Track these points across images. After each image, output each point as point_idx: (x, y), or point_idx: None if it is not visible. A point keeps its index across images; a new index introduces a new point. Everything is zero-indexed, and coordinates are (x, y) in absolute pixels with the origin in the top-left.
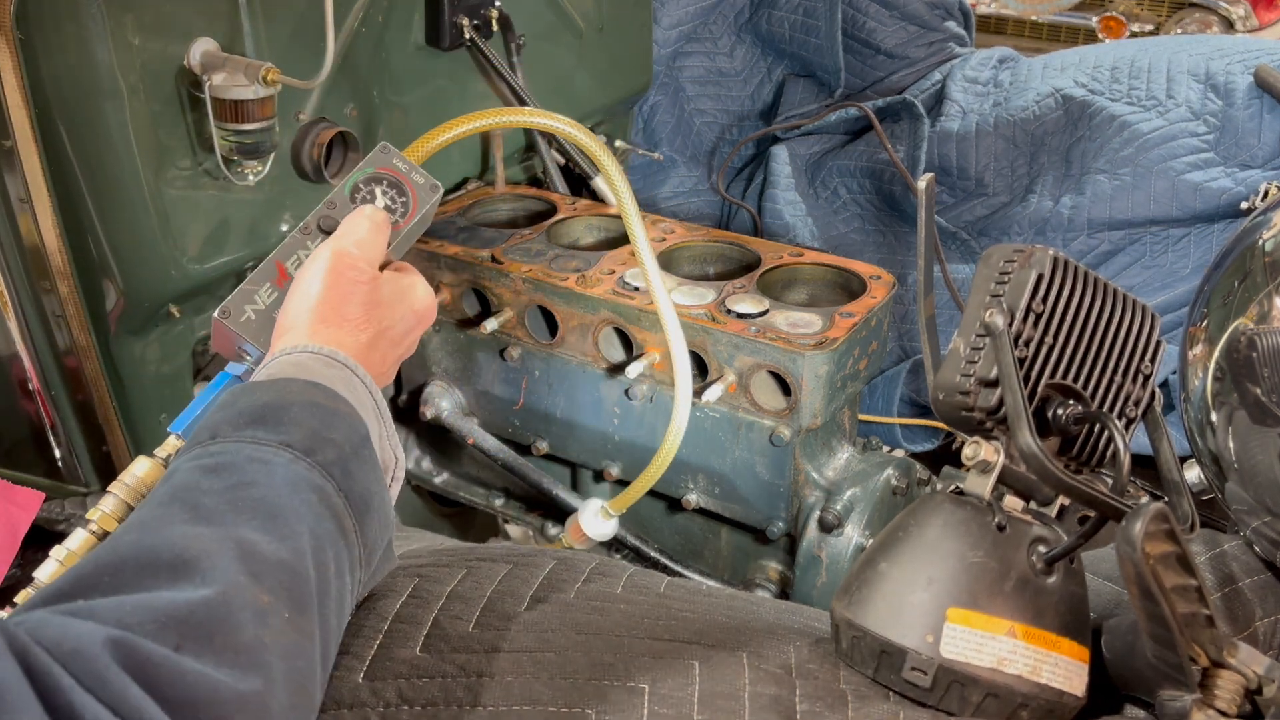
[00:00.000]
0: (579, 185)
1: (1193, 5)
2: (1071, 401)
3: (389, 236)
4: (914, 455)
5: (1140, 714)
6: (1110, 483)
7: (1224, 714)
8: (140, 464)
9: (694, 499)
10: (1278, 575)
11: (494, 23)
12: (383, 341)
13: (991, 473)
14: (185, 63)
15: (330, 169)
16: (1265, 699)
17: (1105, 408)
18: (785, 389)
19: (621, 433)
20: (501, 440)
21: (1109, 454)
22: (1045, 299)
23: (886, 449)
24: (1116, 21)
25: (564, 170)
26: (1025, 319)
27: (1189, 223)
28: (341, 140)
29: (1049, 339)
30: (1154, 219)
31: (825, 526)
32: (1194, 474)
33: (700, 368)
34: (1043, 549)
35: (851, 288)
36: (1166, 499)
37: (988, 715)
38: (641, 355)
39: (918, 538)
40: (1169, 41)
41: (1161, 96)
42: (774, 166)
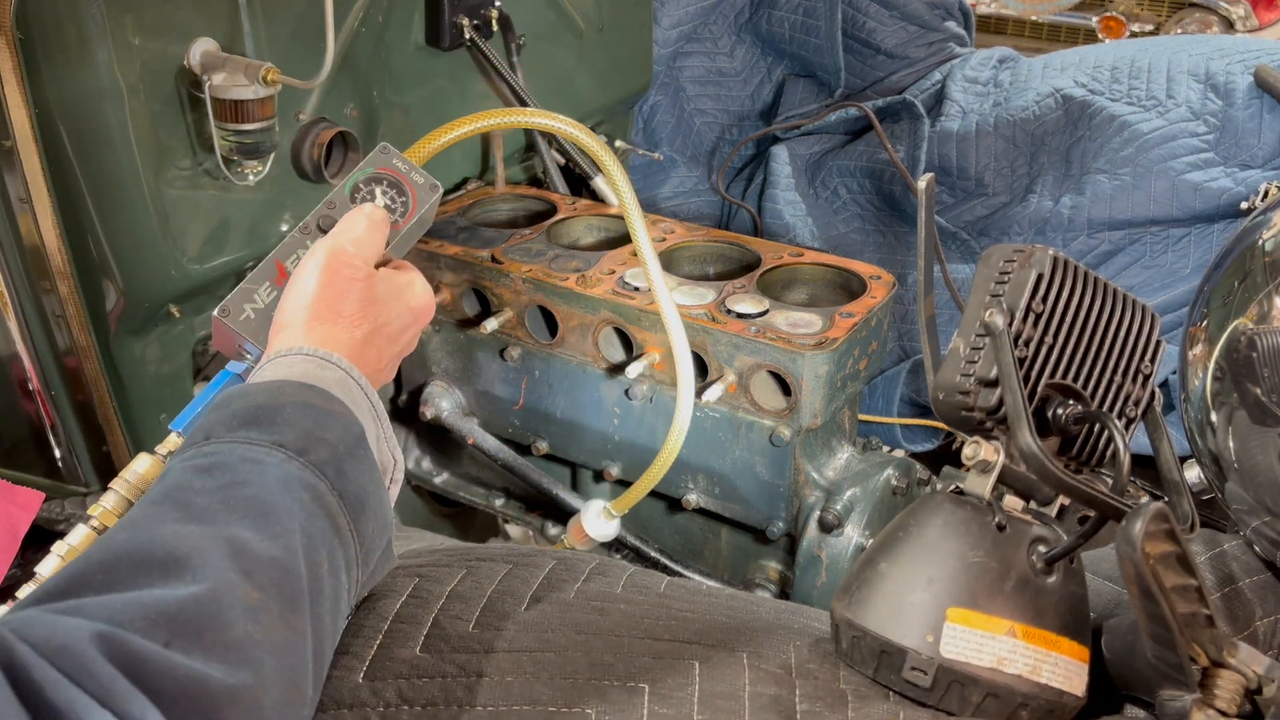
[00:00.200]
0: (579, 185)
1: (1193, 5)
2: (1071, 401)
3: (388, 235)
4: (914, 455)
5: (1140, 714)
6: (1110, 483)
7: (1224, 714)
8: (141, 460)
9: (694, 499)
10: (1278, 575)
11: (494, 23)
12: (379, 338)
13: (991, 473)
14: (185, 63)
15: (330, 169)
16: (1265, 699)
17: (1105, 408)
18: (785, 389)
19: (621, 433)
20: (501, 440)
21: (1109, 454)
22: (1045, 299)
23: (886, 449)
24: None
25: (564, 170)
26: (1025, 319)
27: (1189, 223)
28: (341, 140)
29: (1049, 339)
30: (1154, 219)
31: (825, 526)
32: (1194, 474)
33: (700, 368)
34: (1043, 549)
35: (851, 288)
36: (1166, 499)
37: (988, 715)
38: (641, 355)
39: (918, 538)
40: (1169, 41)
41: (1161, 96)
42: (774, 166)
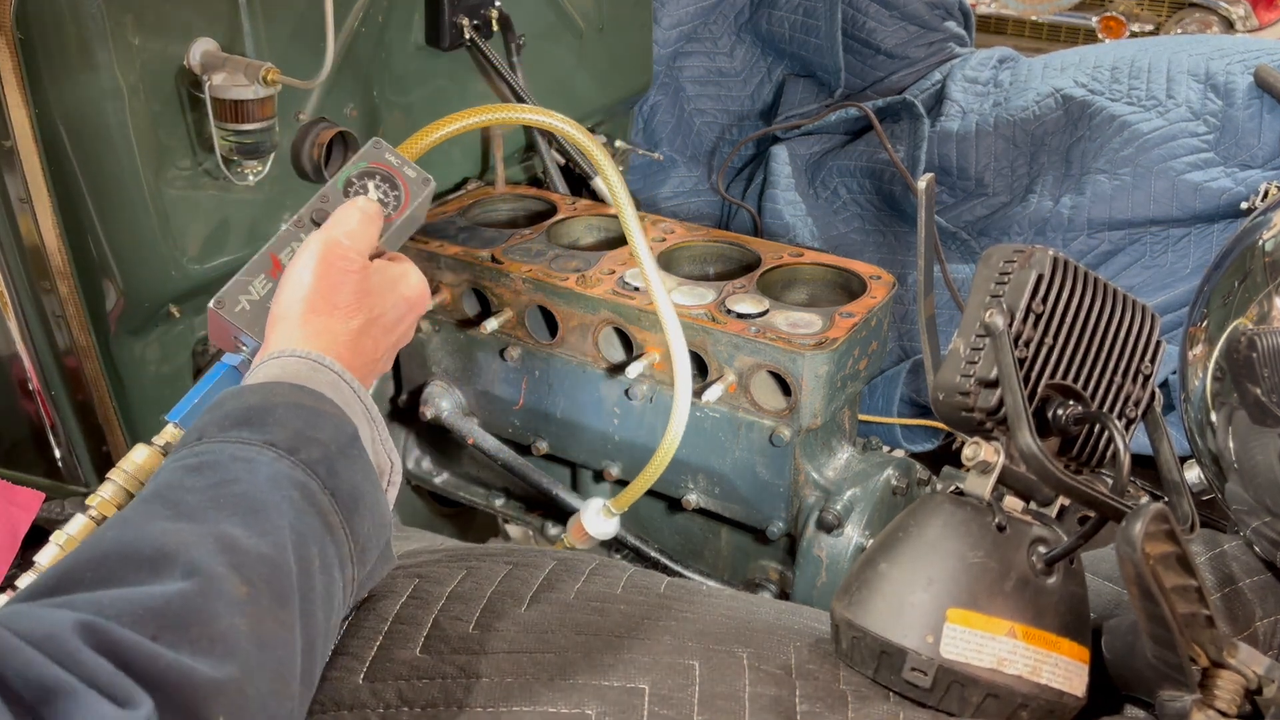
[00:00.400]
0: (579, 185)
1: (1193, 5)
2: (1071, 402)
3: (381, 228)
4: (914, 455)
5: (1140, 714)
6: (1110, 483)
7: (1224, 714)
8: (139, 451)
9: (694, 499)
10: (1278, 575)
11: (494, 23)
12: (374, 329)
13: (991, 473)
14: (185, 63)
15: (330, 169)
16: (1265, 699)
17: (1105, 408)
18: (785, 389)
19: (621, 433)
20: (501, 440)
21: (1109, 454)
22: (1045, 299)
23: (886, 449)
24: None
25: (564, 170)
26: (1025, 319)
27: (1189, 223)
28: (341, 140)
29: (1049, 339)
30: (1154, 219)
31: (825, 526)
32: (1194, 474)
33: (700, 368)
34: (1043, 549)
35: (851, 288)
36: (1166, 499)
37: (988, 716)
38: (641, 355)
39: (918, 538)
40: (1169, 41)
41: (1161, 96)
42: (774, 166)
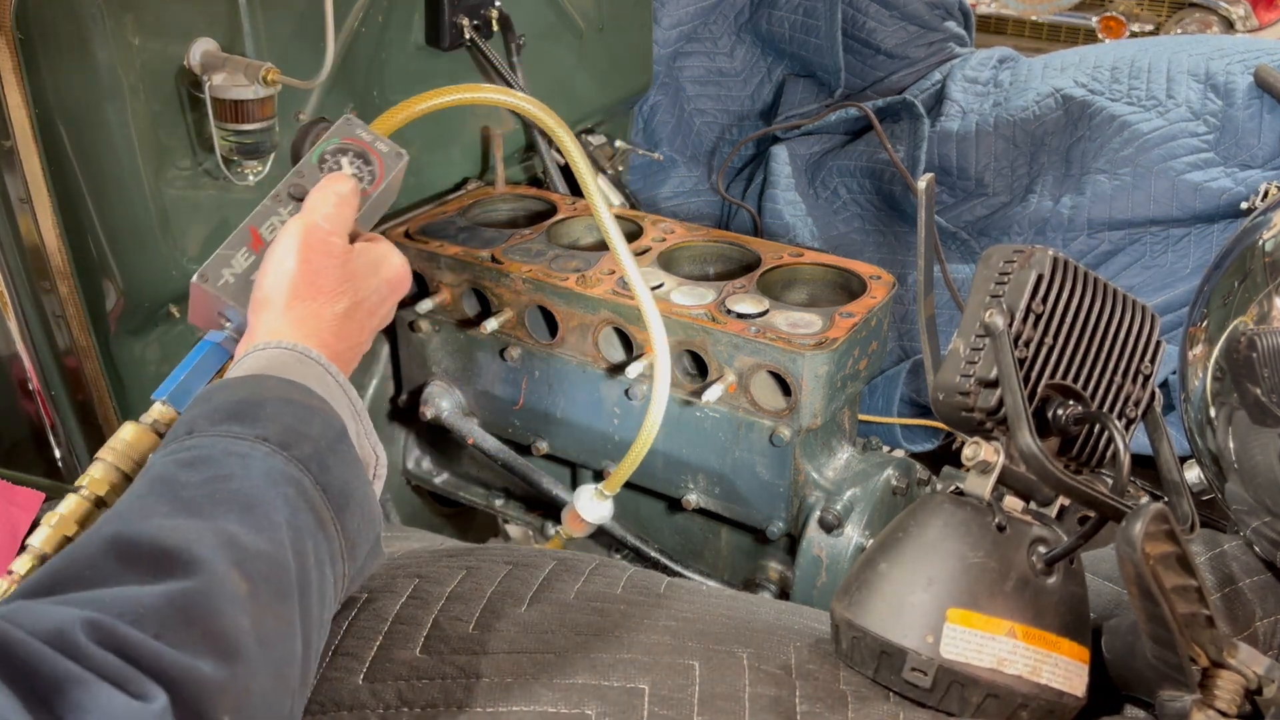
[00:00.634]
0: (579, 185)
1: (1193, 5)
2: (1071, 402)
3: (358, 204)
4: (914, 455)
5: (1140, 714)
6: (1110, 483)
7: (1224, 714)
8: (127, 429)
9: (694, 499)
10: (1278, 575)
11: (494, 23)
12: (359, 312)
13: (991, 473)
14: (185, 63)
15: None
16: (1265, 699)
17: (1105, 408)
18: (785, 389)
19: (621, 433)
20: (501, 440)
21: (1109, 454)
22: (1045, 299)
23: (886, 449)
24: (1116, 21)
25: (564, 170)
26: (1025, 319)
27: (1189, 223)
28: None
29: (1049, 339)
30: (1154, 219)
31: (825, 526)
32: (1194, 474)
33: (700, 368)
34: (1043, 549)
35: (851, 288)
36: (1166, 499)
37: (988, 716)
38: (641, 355)
39: (918, 538)
40: (1169, 41)
41: (1161, 96)
42: (774, 166)
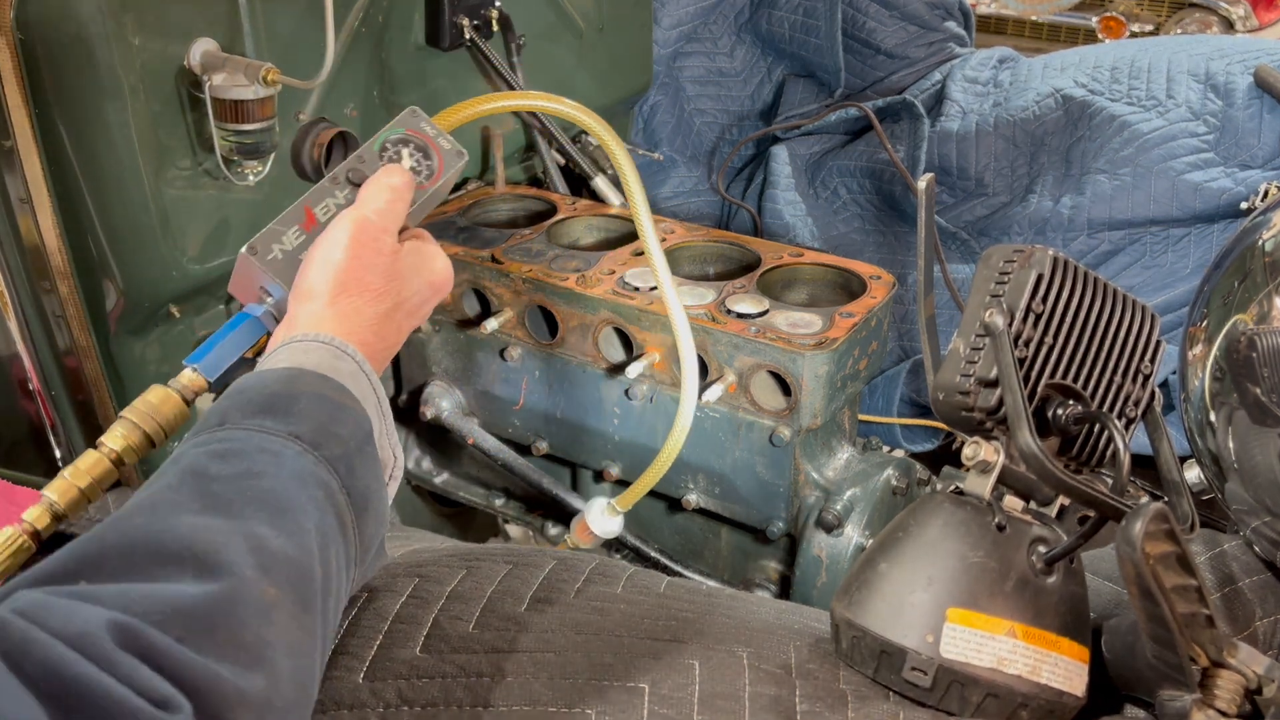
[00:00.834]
0: (579, 185)
1: (1193, 5)
2: (1071, 401)
3: (411, 200)
4: (914, 455)
5: (1140, 714)
6: (1110, 483)
7: (1224, 714)
8: (154, 391)
9: (694, 499)
10: (1278, 575)
11: (494, 23)
12: (399, 313)
13: (991, 473)
14: (185, 63)
15: (330, 169)
16: (1265, 699)
17: (1105, 408)
18: (785, 389)
19: (621, 433)
20: (501, 440)
21: (1109, 454)
22: (1045, 299)
23: (886, 449)
24: (1116, 21)
25: (564, 170)
26: (1025, 319)
27: (1189, 223)
28: (341, 140)
29: (1049, 339)
30: (1154, 219)
31: (825, 526)
32: (1194, 474)
33: (700, 368)
34: (1043, 549)
35: (851, 288)
36: (1166, 499)
37: (988, 715)
38: (641, 355)
39: (918, 538)
40: (1169, 41)
41: (1161, 96)
42: (774, 166)
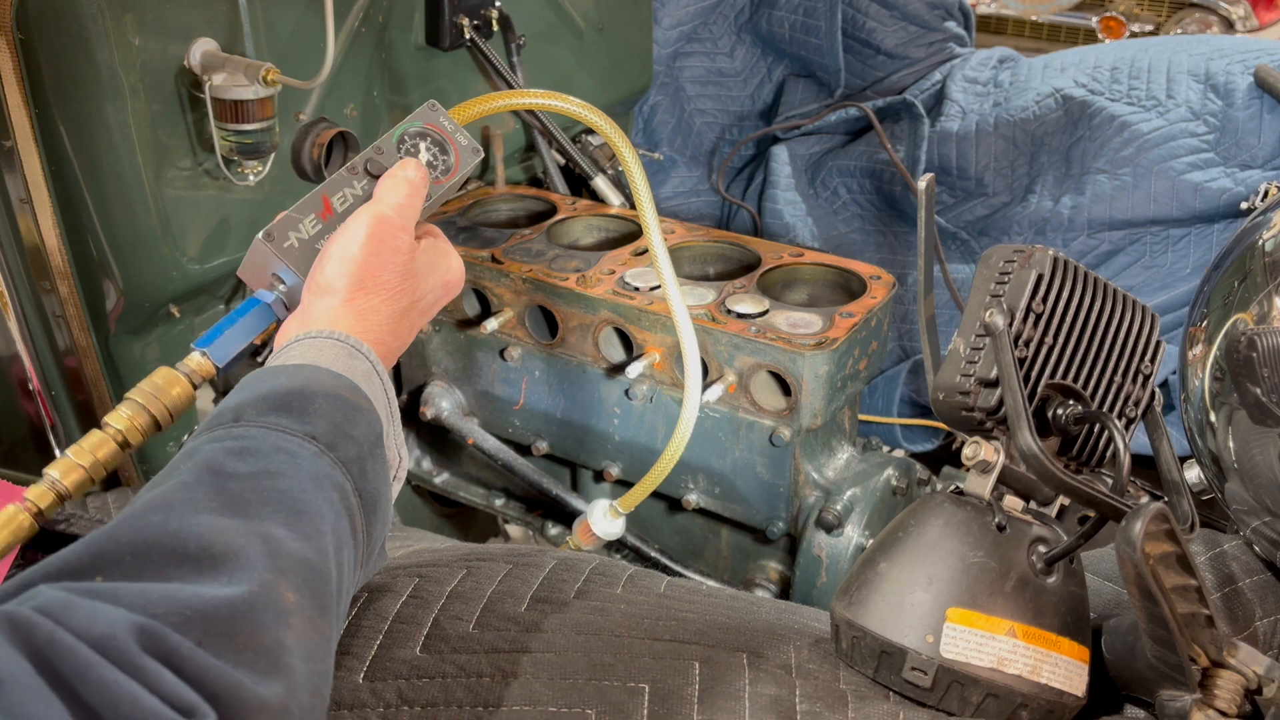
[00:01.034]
0: (579, 185)
1: (1193, 5)
2: (1071, 401)
3: (426, 194)
4: (914, 455)
5: (1140, 714)
6: (1110, 483)
7: (1224, 714)
8: (160, 373)
9: (694, 499)
10: (1278, 575)
11: (494, 23)
12: (413, 312)
13: (991, 473)
14: (185, 63)
15: (330, 169)
16: (1265, 699)
17: (1105, 408)
18: (785, 389)
19: (622, 433)
20: (501, 440)
21: (1109, 454)
22: (1045, 299)
23: (886, 449)
24: (1116, 21)
25: (564, 170)
26: (1025, 319)
27: (1189, 223)
28: (341, 140)
29: (1049, 339)
30: (1154, 219)
31: (825, 526)
32: (1194, 474)
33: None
34: (1043, 549)
35: (851, 288)
36: (1166, 499)
37: (988, 715)
38: (642, 355)
39: (918, 538)
40: (1169, 41)
41: (1161, 96)
42: (774, 166)
